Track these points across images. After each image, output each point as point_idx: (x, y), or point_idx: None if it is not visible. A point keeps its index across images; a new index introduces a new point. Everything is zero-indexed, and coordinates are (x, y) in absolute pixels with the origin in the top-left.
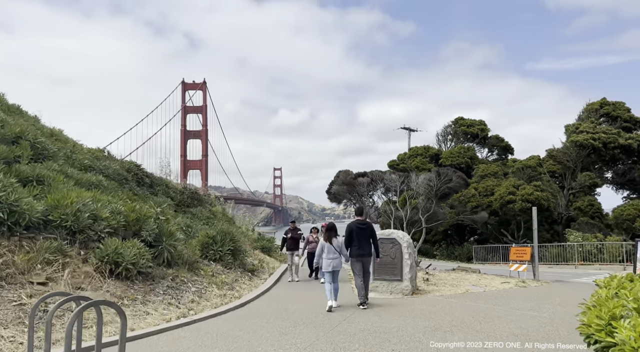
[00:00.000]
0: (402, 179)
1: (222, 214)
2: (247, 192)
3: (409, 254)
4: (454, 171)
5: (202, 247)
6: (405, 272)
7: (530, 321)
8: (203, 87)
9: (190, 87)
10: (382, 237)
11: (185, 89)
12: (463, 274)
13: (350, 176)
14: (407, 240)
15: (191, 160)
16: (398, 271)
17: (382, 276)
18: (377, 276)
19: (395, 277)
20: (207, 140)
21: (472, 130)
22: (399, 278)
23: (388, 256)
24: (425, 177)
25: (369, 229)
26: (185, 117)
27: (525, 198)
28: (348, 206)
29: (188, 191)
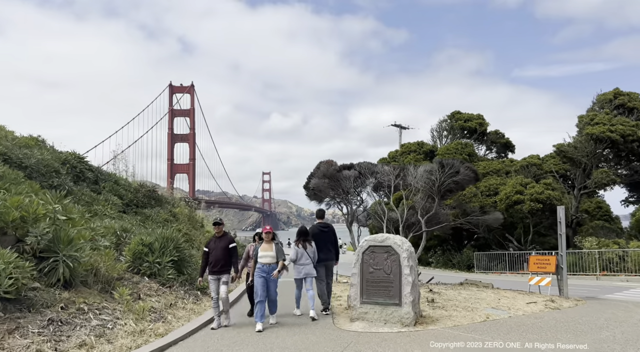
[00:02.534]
0: (397, 172)
1: (187, 216)
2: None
3: (411, 268)
4: (461, 162)
5: (134, 258)
6: (406, 294)
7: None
8: (191, 90)
9: (177, 90)
10: (373, 244)
11: (172, 92)
12: (474, 290)
13: (334, 168)
14: (408, 248)
15: (178, 164)
16: (395, 291)
17: (373, 298)
18: (366, 298)
19: (392, 300)
20: (195, 143)
21: (469, 125)
22: (396, 302)
23: (381, 271)
24: (425, 169)
25: (331, 232)
26: (173, 121)
27: (535, 198)
28: (331, 205)
29: (144, 189)
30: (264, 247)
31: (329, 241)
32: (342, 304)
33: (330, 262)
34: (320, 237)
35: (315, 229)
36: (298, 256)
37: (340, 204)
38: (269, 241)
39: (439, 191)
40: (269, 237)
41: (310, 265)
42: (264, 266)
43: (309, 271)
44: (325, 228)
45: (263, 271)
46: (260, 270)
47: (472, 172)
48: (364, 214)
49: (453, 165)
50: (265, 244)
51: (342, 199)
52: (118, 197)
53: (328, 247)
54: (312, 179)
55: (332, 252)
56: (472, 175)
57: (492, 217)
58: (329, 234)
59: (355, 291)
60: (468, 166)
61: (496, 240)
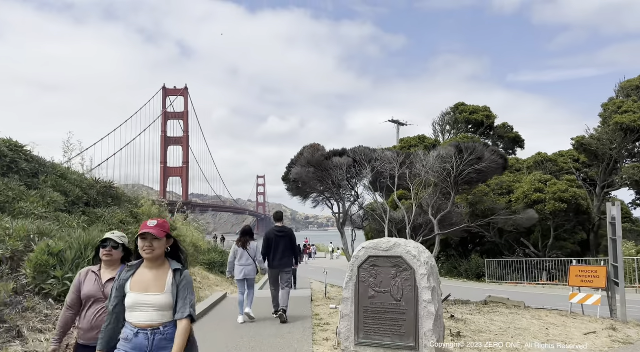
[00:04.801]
0: (403, 159)
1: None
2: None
3: (433, 291)
4: (485, 145)
5: (36, 272)
6: (426, 332)
7: None
8: (184, 93)
9: (171, 93)
10: (375, 254)
11: (166, 95)
12: (506, 313)
13: (321, 153)
14: (427, 261)
15: (172, 167)
16: (409, 327)
17: (375, 339)
18: (363, 338)
19: (404, 341)
20: (189, 146)
21: (475, 118)
22: (411, 344)
23: (387, 295)
24: (439, 155)
25: (289, 236)
26: (166, 124)
27: (558, 197)
28: (320, 202)
29: (100, 185)
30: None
31: (285, 247)
32: (329, 338)
33: (285, 269)
34: (276, 242)
35: (270, 233)
36: (237, 256)
37: (329, 200)
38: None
39: (455, 183)
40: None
41: (251, 266)
42: None
43: (248, 272)
44: (281, 232)
45: None
46: None
47: (499, 158)
48: (360, 214)
49: (475, 150)
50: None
51: (332, 194)
52: (62, 193)
53: (283, 253)
54: (294, 167)
55: (288, 258)
56: (500, 161)
57: (524, 216)
58: (285, 238)
59: (347, 325)
60: (494, 150)
61: (508, 245)
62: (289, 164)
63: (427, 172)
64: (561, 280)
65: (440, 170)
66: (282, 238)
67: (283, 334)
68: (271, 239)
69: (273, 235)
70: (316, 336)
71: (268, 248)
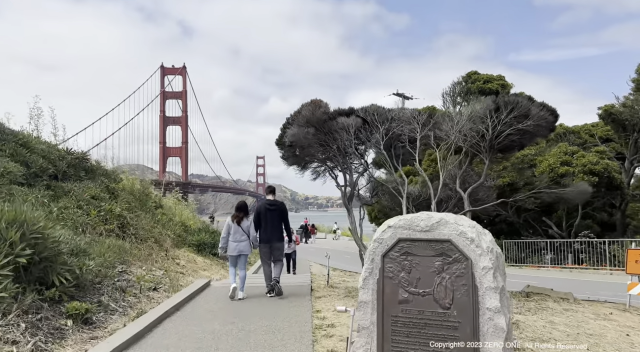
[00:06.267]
0: (425, 118)
1: (137, 193)
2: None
3: (501, 293)
4: (530, 99)
5: None
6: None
7: None
8: (183, 72)
9: (169, 72)
10: (407, 236)
11: (164, 74)
12: (559, 309)
13: (323, 111)
14: (490, 246)
15: (171, 148)
16: (465, 350)
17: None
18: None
19: None
20: (187, 126)
21: (489, 87)
22: None
23: (428, 298)
24: (474, 111)
25: (279, 210)
26: (165, 103)
27: (588, 169)
28: (320, 174)
29: (71, 157)
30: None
31: (276, 220)
32: (336, 349)
33: (276, 244)
34: (266, 215)
35: (261, 206)
36: (231, 232)
37: (333, 170)
38: None
39: (490, 148)
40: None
41: (245, 242)
42: None
43: (243, 248)
44: (272, 206)
45: None
46: None
47: (549, 114)
48: (369, 187)
49: (518, 105)
50: None
51: (336, 164)
52: (22, 164)
53: (274, 227)
54: (289, 128)
55: (279, 232)
56: (550, 118)
57: (575, 189)
58: (275, 212)
59: (365, 343)
60: (543, 105)
61: (527, 225)
62: (284, 124)
63: (458, 133)
64: (590, 263)
65: (471, 134)
66: (273, 211)
67: (273, 345)
68: (262, 212)
69: (264, 208)
70: (317, 345)
71: (258, 221)
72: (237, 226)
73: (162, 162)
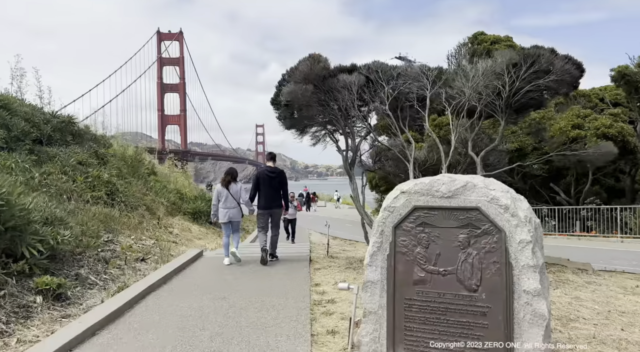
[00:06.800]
0: (436, 74)
1: (128, 159)
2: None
3: (541, 272)
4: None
5: None
6: (529, 349)
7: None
8: (179, 37)
9: (166, 38)
10: (426, 203)
11: (160, 40)
12: (580, 282)
13: (323, 66)
14: (528, 215)
15: (169, 115)
16: (495, 340)
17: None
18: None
19: None
20: (185, 93)
21: (497, 48)
22: None
23: (451, 277)
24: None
25: (279, 177)
26: (161, 70)
27: (602, 133)
28: (320, 138)
29: (57, 120)
30: None
31: (276, 187)
32: (337, 332)
33: (275, 211)
34: (266, 182)
35: (262, 173)
36: (222, 199)
37: (333, 134)
38: None
39: (507, 106)
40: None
41: (235, 208)
42: None
43: (234, 214)
44: (272, 173)
45: None
46: None
47: (574, 67)
48: (372, 152)
49: (540, 57)
50: None
51: (337, 127)
52: (2, 127)
53: (273, 195)
54: (285, 85)
55: (278, 200)
56: (576, 73)
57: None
58: (276, 179)
59: (373, 329)
60: (567, 57)
61: (533, 191)
62: (280, 81)
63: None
64: (599, 231)
65: (487, 91)
66: (273, 178)
67: (266, 324)
68: (261, 178)
69: (264, 175)
70: (316, 324)
71: (257, 187)
72: (227, 191)
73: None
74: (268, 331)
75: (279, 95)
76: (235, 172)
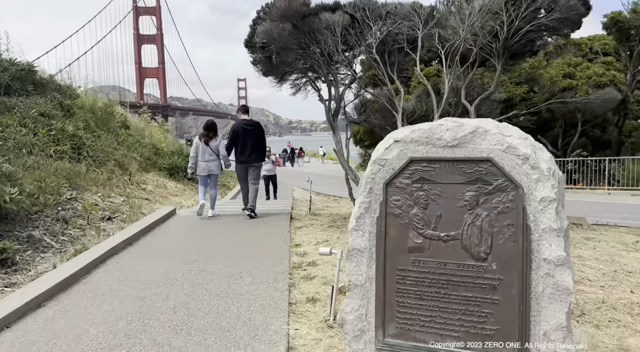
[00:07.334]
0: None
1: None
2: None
3: (565, 236)
4: None
5: None
6: (548, 330)
7: None
8: None
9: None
10: (425, 154)
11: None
12: (577, 238)
13: (302, 2)
14: (551, 167)
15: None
16: (507, 319)
17: (430, 342)
18: (396, 336)
19: (495, 350)
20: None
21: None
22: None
23: (455, 243)
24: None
25: (256, 130)
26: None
27: (594, 82)
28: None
29: (15, 68)
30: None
31: (254, 140)
32: (317, 300)
33: (254, 165)
34: (243, 136)
35: (238, 126)
36: (200, 152)
37: (315, 82)
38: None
39: (504, 49)
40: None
41: (214, 162)
42: None
43: (212, 168)
44: (250, 125)
45: None
46: None
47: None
48: (357, 103)
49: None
50: None
51: (319, 74)
52: None
53: (252, 147)
54: (260, 24)
55: (257, 153)
56: (582, 9)
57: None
58: (253, 132)
59: (358, 305)
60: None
61: None
62: (254, 20)
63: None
64: (585, 183)
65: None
66: (250, 131)
67: (239, 292)
68: (238, 131)
69: (241, 128)
70: (295, 291)
71: (234, 141)
72: (205, 145)
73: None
74: (240, 300)
75: (253, 36)
76: (214, 125)
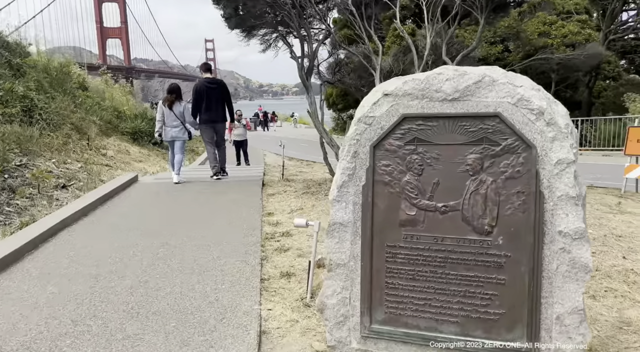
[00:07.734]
0: None
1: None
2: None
3: (582, 203)
4: None
5: None
6: (561, 314)
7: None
8: None
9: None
10: (421, 111)
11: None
12: None
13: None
14: (569, 124)
15: (109, 28)
16: (514, 303)
17: (423, 329)
18: (384, 323)
19: (500, 338)
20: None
21: None
22: (521, 345)
23: (455, 214)
24: None
25: (220, 88)
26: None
27: (569, 40)
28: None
29: None
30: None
31: (217, 99)
32: (292, 274)
33: (219, 125)
34: (207, 94)
35: (201, 85)
36: (164, 117)
37: (286, 37)
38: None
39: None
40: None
41: (178, 128)
42: None
43: (176, 134)
44: (213, 84)
45: None
46: None
47: None
48: (332, 61)
49: None
50: None
51: (291, 28)
52: None
53: (216, 106)
54: None
55: (221, 111)
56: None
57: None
58: (216, 90)
59: (341, 288)
60: None
61: None
62: None
63: None
64: None
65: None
66: (214, 90)
67: (206, 268)
68: (201, 91)
69: (204, 87)
70: (268, 265)
71: (198, 101)
72: (169, 110)
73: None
74: (207, 277)
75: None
76: (178, 89)
